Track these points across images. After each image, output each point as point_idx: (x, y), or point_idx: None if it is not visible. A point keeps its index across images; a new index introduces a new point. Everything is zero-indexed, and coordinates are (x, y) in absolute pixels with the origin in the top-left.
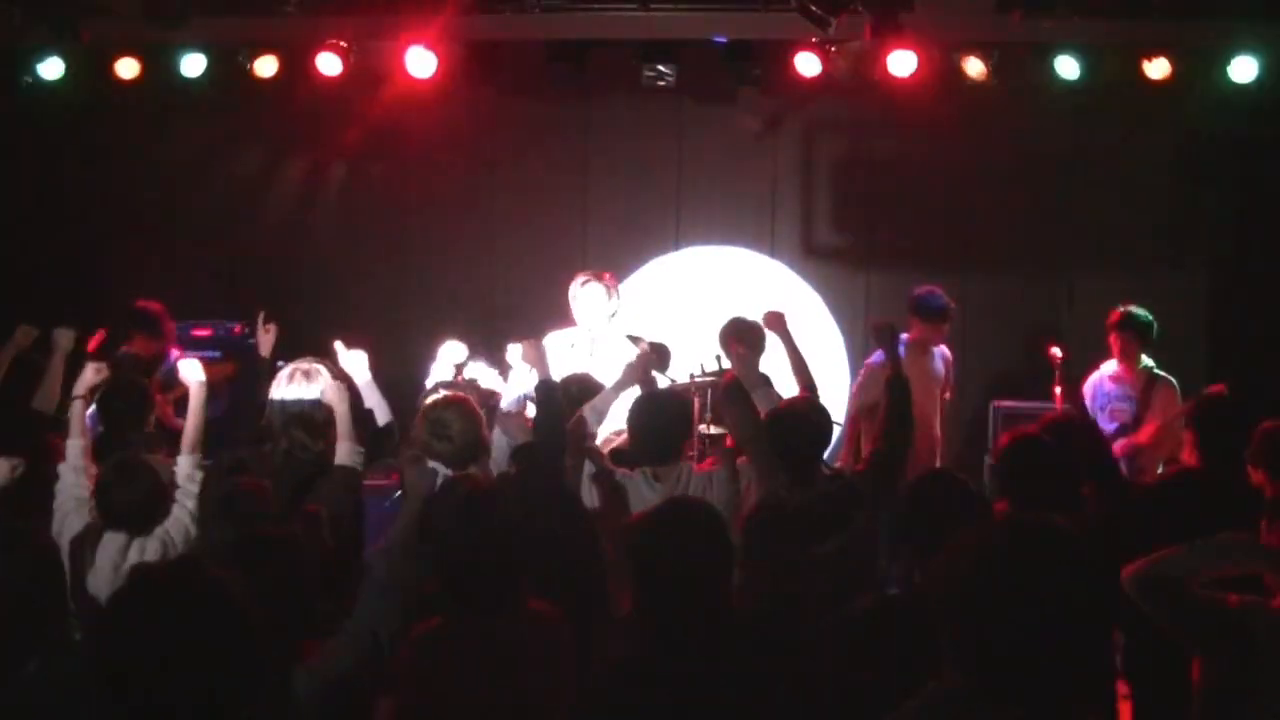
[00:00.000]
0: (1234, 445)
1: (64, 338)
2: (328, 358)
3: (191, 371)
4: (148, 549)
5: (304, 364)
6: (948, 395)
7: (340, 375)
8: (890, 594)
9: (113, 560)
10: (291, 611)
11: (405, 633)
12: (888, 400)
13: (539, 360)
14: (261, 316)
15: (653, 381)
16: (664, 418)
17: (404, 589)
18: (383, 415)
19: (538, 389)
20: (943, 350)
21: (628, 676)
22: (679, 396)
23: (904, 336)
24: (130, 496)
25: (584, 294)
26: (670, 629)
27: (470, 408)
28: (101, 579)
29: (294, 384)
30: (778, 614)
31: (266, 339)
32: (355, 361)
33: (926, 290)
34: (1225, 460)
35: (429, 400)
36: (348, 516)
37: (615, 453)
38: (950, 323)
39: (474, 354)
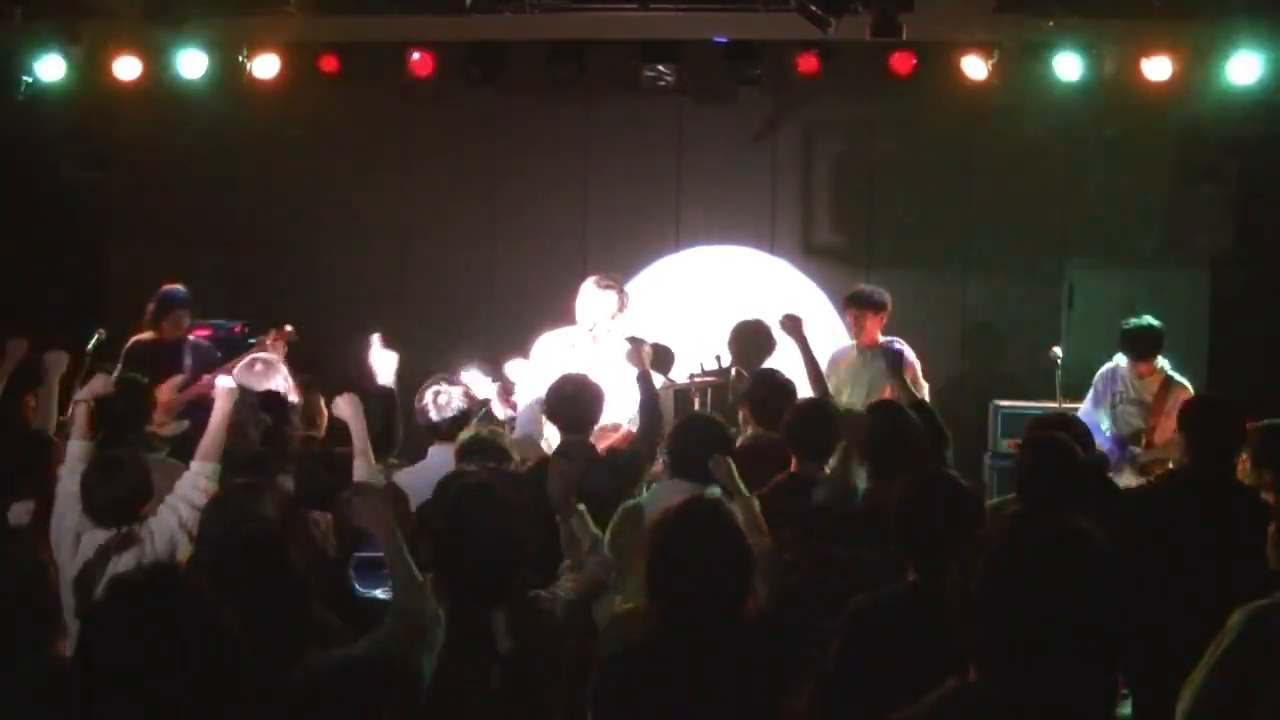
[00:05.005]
0: (1226, 445)
1: (56, 360)
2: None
3: (222, 381)
4: (126, 551)
5: (267, 355)
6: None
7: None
8: (892, 591)
9: (86, 557)
10: (283, 613)
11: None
12: (923, 420)
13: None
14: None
15: (650, 379)
16: (699, 442)
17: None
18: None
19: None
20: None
21: (638, 660)
22: (720, 429)
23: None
24: (111, 493)
25: (597, 297)
26: (683, 621)
27: None
28: (80, 574)
29: (254, 374)
30: (793, 610)
31: (387, 364)
32: (385, 361)
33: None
34: (1217, 461)
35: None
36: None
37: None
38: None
39: (468, 362)
